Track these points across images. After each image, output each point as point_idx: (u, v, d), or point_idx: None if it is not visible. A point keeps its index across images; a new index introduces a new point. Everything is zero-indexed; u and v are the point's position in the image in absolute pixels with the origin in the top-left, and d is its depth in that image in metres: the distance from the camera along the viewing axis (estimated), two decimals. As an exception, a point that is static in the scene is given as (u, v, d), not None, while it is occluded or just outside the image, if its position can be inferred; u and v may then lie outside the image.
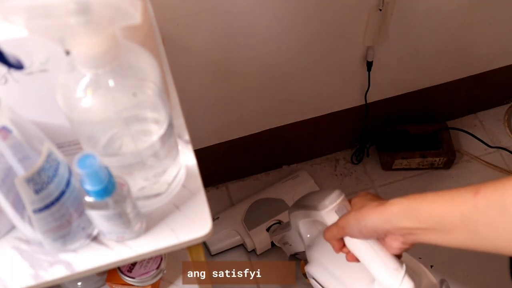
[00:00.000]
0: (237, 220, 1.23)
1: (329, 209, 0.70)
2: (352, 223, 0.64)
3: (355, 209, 0.65)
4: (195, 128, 0.87)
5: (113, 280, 0.82)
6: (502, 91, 1.43)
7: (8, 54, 0.46)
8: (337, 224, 0.67)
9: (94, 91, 0.44)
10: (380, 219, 0.60)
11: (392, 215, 0.59)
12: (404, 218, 0.58)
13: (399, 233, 0.60)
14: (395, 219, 0.58)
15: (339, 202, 0.71)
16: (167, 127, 0.50)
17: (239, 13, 0.92)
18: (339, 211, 0.70)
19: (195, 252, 0.60)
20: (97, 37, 0.42)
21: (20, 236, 0.55)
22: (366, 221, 0.61)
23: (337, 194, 0.71)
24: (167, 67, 0.66)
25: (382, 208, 0.60)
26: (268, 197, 1.25)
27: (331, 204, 0.70)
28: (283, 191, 1.27)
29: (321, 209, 0.71)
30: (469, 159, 1.37)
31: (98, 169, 0.44)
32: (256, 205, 1.24)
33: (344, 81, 1.18)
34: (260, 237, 1.20)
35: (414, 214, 0.57)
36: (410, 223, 0.57)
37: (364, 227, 0.62)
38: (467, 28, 1.15)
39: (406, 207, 0.58)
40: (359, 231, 0.63)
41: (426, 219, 0.56)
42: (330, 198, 0.71)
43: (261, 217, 1.22)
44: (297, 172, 1.31)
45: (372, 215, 0.61)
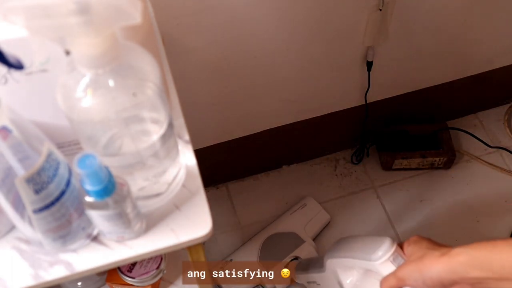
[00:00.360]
0: (252, 259, 1.19)
1: (384, 259, 0.68)
2: (415, 275, 0.62)
3: (414, 259, 0.64)
4: (195, 128, 0.87)
5: (113, 280, 0.82)
6: (502, 91, 1.43)
7: (8, 54, 0.46)
8: (396, 275, 0.65)
9: (94, 91, 0.44)
10: (446, 270, 0.59)
11: (459, 266, 0.58)
12: (473, 268, 0.57)
13: (468, 283, 0.59)
14: (464, 270, 0.57)
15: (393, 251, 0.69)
16: (167, 127, 0.50)
17: (239, 13, 0.92)
18: (394, 261, 0.68)
19: (195, 252, 0.60)
20: (97, 37, 0.42)
21: (20, 236, 0.55)
22: (431, 272, 0.60)
23: (390, 243, 0.69)
24: (167, 67, 0.66)
25: (447, 258, 0.59)
26: (279, 232, 1.22)
27: (386, 254, 0.68)
28: (293, 223, 1.23)
29: (375, 260, 0.69)
30: (469, 159, 1.37)
31: (98, 169, 0.44)
32: (268, 242, 1.20)
33: (344, 81, 1.18)
34: None
35: (485, 264, 0.56)
36: (481, 273, 0.56)
37: (429, 279, 0.60)
38: (467, 28, 1.15)
39: (474, 258, 0.57)
40: (423, 282, 0.62)
41: (499, 269, 0.55)
42: (384, 248, 0.69)
43: (277, 254, 1.18)
44: (304, 201, 1.28)
45: (436, 266, 0.59)
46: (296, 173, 1.35)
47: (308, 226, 1.23)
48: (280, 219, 1.25)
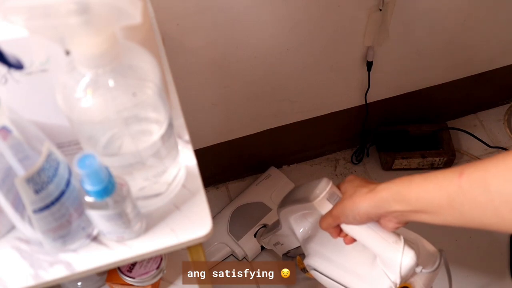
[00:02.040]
0: (222, 232, 1.23)
1: (321, 197, 0.71)
2: (347, 211, 0.66)
3: (346, 196, 0.68)
4: (195, 128, 0.87)
5: (113, 280, 0.82)
6: (502, 91, 1.43)
7: (8, 54, 0.46)
8: (331, 213, 0.69)
9: (94, 91, 0.44)
10: (372, 205, 0.63)
11: (382, 201, 0.62)
12: (394, 202, 0.61)
13: (392, 216, 0.63)
14: (387, 204, 0.62)
15: (329, 189, 0.72)
16: (167, 127, 0.50)
17: (239, 13, 0.92)
18: (330, 198, 0.71)
19: (195, 252, 0.60)
20: (97, 37, 0.42)
21: (20, 236, 0.55)
22: (359, 208, 0.64)
23: (325, 182, 0.72)
24: (167, 67, 0.66)
25: (372, 195, 0.63)
26: (246, 203, 1.26)
27: (322, 193, 0.71)
28: (260, 193, 1.27)
29: (312, 199, 0.72)
30: (469, 159, 1.37)
31: (98, 169, 0.44)
32: (237, 213, 1.24)
33: (344, 81, 1.18)
34: (249, 244, 1.20)
35: (404, 198, 0.60)
36: (400, 206, 0.61)
37: (358, 214, 0.65)
38: (467, 28, 1.15)
39: (395, 192, 0.61)
40: (354, 218, 0.66)
41: (415, 202, 0.59)
42: (320, 187, 0.72)
43: (246, 224, 1.22)
44: (268, 171, 1.32)
45: (363, 202, 0.64)
46: (296, 173, 1.35)
47: (274, 195, 1.26)
48: (247, 190, 1.29)
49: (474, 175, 0.53)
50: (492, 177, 0.52)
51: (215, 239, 1.22)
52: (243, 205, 1.25)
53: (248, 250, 1.20)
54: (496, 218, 0.52)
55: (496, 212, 0.52)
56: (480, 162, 0.53)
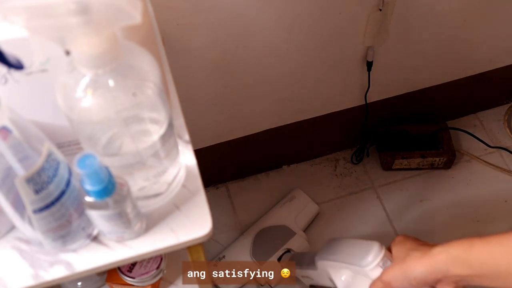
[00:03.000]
0: (245, 255, 1.19)
1: (374, 265, 0.69)
2: (400, 277, 0.64)
3: (398, 261, 0.65)
4: (195, 128, 0.87)
5: (113, 280, 0.82)
6: (502, 91, 1.43)
7: (8, 54, 0.46)
8: (381, 279, 0.67)
9: (94, 91, 0.44)
10: (429, 270, 0.60)
11: (441, 265, 0.59)
12: (454, 266, 0.58)
13: (451, 280, 0.60)
14: (445, 268, 0.59)
15: (382, 256, 0.69)
16: (167, 127, 0.50)
17: (239, 13, 0.92)
18: (383, 265, 0.69)
19: (195, 252, 0.60)
20: (97, 37, 0.42)
21: (20, 236, 0.55)
22: (415, 273, 0.62)
23: (378, 249, 0.70)
24: (167, 67, 0.66)
25: (428, 258, 0.60)
26: (270, 226, 1.22)
27: (375, 260, 0.69)
28: (284, 216, 1.24)
29: (365, 265, 0.70)
30: (469, 159, 1.37)
31: (98, 169, 0.44)
32: (260, 236, 1.21)
33: (344, 81, 1.18)
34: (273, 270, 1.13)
35: (465, 263, 0.57)
36: (461, 271, 0.58)
37: (414, 279, 0.62)
38: (467, 28, 1.15)
39: (454, 257, 0.58)
40: (409, 283, 0.63)
41: (478, 267, 0.56)
42: (373, 254, 0.69)
43: (269, 248, 1.18)
44: (292, 193, 1.28)
45: (419, 267, 0.61)
46: (296, 173, 1.35)
47: (298, 218, 1.23)
48: (270, 212, 1.26)
49: None
50: None
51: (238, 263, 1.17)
52: (267, 228, 1.21)
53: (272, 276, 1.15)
54: None
55: None
56: None
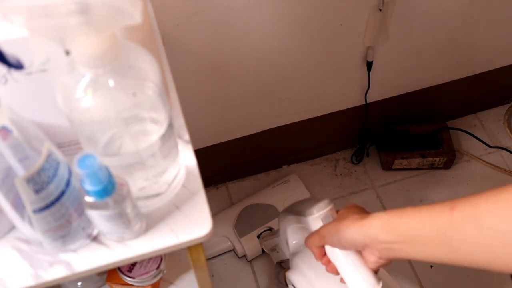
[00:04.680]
0: (228, 226, 1.22)
1: (315, 216, 0.71)
2: (332, 232, 0.64)
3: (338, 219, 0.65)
4: (195, 128, 0.87)
5: (113, 280, 0.82)
6: (502, 91, 1.43)
7: (8, 54, 0.46)
8: (319, 231, 0.68)
9: (94, 91, 0.44)
10: (359, 232, 0.61)
11: (371, 229, 0.59)
12: (382, 232, 0.58)
13: (376, 247, 0.60)
14: (374, 233, 0.59)
15: (326, 211, 0.71)
16: (167, 127, 0.50)
17: (239, 13, 0.92)
18: (325, 219, 0.71)
19: (195, 252, 0.60)
20: (97, 37, 0.42)
21: (20, 236, 0.55)
22: (345, 232, 0.62)
23: (325, 203, 0.72)
24: (167, 67, 0.66)
25: (363, 221, 0.60)
26: (258, 203, 1.24)
27: (318, 212, 0.71)
28: (274, 196, 1.26)
29: (308, 215, 0.72)
30: (469, 159, 1.37)
31: (98, 169, 0.44)
32: (246, 211, 1.23)
33: (344, 81, 1.18)
34: (251, 244, 1.20)
35: (393, 228, 0.57)
36: (387, 236, 0.58)
37: (343, 238, 0.62)
38: (467, 28, 1.15)
39: (386, 221, 0.58)
40: (338, 241, 0.64)
41: (403, 233, 0.57)
42: (318, 206, 0.72)
43: (252, 223, 1.21)
44: (288, 177, 1.30)
45: (351, 227, 0.61)
46: (296, 173, 1.35)
47: (287, 201, 1.25)
48: (262, 191, 1.28)
49: (466, 210, 0.51)
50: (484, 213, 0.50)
51: (219, 231, 1.22)
52: (254, 204, 1.24)
53: (249, 249, 1.20)
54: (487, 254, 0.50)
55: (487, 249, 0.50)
56: (473, 196, 0.52)
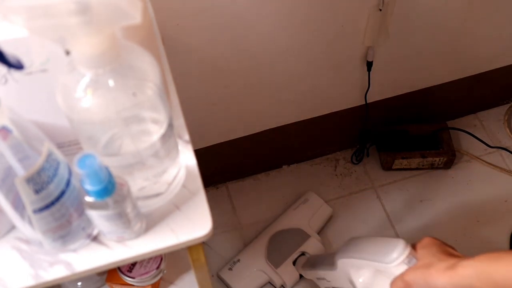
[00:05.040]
0: (260, 259, 1.19)
1: (399, 262, 0.68)
2: (421, 283, 0.63)
3: (423, 265, 0.64)
4: (195, 128, 0.87)
5: (113, 280, 0.82)
6: (502, 91, 1.43)
7: (8, 54, 0.46)
8: (403, 278, 0.66)
9: (94, 91, 0.44)
10: (451, 283, 0.60)
11: (464, 280, 0.58)
12: (478, 282, 0.57)
13: None
14: (468, 284, 0.58)
15: (408, 254, 0.68)
16: (167, 127, 0.50)
17: (239, 13, 0.92)
18: (409, 262, 0.68)
19: (195, 252, 0.60)
20: (97, 37, 0.42)
21: (20, 236, 0.55)
22: (436, 283, 0.61)
23: (404, 246, 0.69)
24: (167, 67, 0.66)
25: (454, 272, 0.59)
26: (284, 229, 1.22)
27: (400, 257, 0.68)
28: (298, 218, 1.24)
29: (389, 262, 0.69)
30: (469, 159, 1.37)
31: (98, 169, 0.44)
32: (275, 239, 1.21)
33: (344, 81, 1.18)
34: (288, 273, 1.16)
35: (489, 277, 0.56)
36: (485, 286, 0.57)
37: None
38: (467, 28, 1.15)
39: (480, 271, 0.57)
40: None
41: (502, 281, 0.56)
42: (398, 251, 0.69)
43: (284, 251, 1.18)
44: (305, 196, 1.28)
45: (442, 278, 0.60)
46: (296, 173, 1.35)
47: (312, 221, 1.24)
48: (284, 215, 1.26)
49: None
50: None
51: (252, 266, 1.18)
52: (281, 231, 1.21)
53: (287, 279, 1.16)
54: None
55: None
56: None
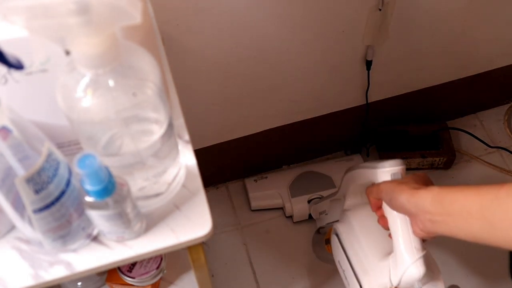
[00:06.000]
0: (283, 184, 1.27)
1: (386, 170, 0.73)
2: (388, 191, 0.68)
3: (400, 181, 0.69)
4: (195, 128, 0.87)
5: (113, 280, 0.82)
6: (502, 91, 1.43)
7: (8, 54, 0.46)
8: (379, 185, 0.71)
9: (94, 91, 0.44)
10: (409, 199, 0.64)
11: (420, 199, 0.62)
12: (430, 203, 0.61)
13: (421, 218, 0.63)
14: (422, 203, 0.62)
15: (397, 168, 0.73)
16: (167, 127, 0.50)
17: (239, 13, 0.92)
18: (394, 175, 0.73)
19: (195, 252, 0.60)
20: (97, 37, 0.42)
21: (20, 236, 0.55)
22: (398, 196, 0.66)
23: (399, 162, 0.74)
24: (167, 67, 0.66)
25: (416, 190, 0.63)
26: (317, 171, 1.29)
27: (389, 167, 0.73)
28: (334, 169, 1.30)
29: (378, 167, 0.74)
30: (469, 159, 1.37)
31: (98, 169, 0.44)
32: (304, 175, 1.28)
33: (344, 81, 1.18)
34: (300, 206, 1.24)
35: (440, 200, 0.60)
36: (433, 208, 0.60)
37: (395, 200, 0.66)
38: (467, 28, 1.15)
39: (436, 193, 0.61)
40: (390, 201, 0.68)
41: (448, 205, 0.59)
42: (391, 163, 0.74)
43: (306, 188, 1.26)
44: (352, 155, 1.35)
45: (404, 193, 0.65)
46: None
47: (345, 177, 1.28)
48: (324, 162, 1.34)
49: None
50: None
51: (274, 186, 1.27)
52: (313, 172, 1.29)
53: (297, 211, 1.24)
54: None
55: None
56: None
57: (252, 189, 1.28)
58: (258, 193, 1.27)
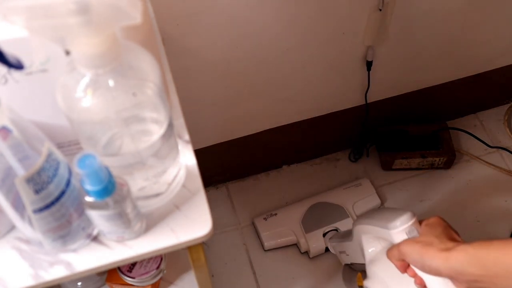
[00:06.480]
0: (294, 220, 1.23)
1: (400, 230, 0.70)
2: (415, 257, 0.65)
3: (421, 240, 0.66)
4: (195, 128, 0.87)
5: (113, 280, 0.82)
6: (502, 91, 1.43)
7: (8, 54, 0.46)
8: (399, 248, 0.68)
9: (94, 91, 0.44)
10: (444, 265, 0.61)
11: (457, 263, 0.60)
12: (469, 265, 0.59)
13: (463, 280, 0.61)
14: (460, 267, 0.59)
15: (410, 224, 0.70)
16: (167, 127, 0.50)
17: (239, 13, 0.92)
18: (409, 233, 0.70)
19: (195, 252, 0.60)
20: (97, 37, 0.42)
21: (20, 236, 0.55)
22: (430, 262, 0.63)
23: (409, 216, 0.71)
24: (167, 67, 0.66)
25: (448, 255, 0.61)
26: (328, 202, 1.25)
27: (402, 226, 0.71)
28: (344, 198, 1.26)
29: (391, 228, 0.71)
30: (469, 159, 1.37)
31: (98, 169, 0.44)
32: (315, 208, 1.24)
33: (344, 81, 1.18)
34: (315, 241, 1.20)
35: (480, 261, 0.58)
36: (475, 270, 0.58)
37: (428, 267, 0.63)
38: (467, 28, 1.15)
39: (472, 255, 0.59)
40: (422, 268, 0.65)
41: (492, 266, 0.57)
42: (402, 219, 0.71)
43: (319, 221, 1.22)
44: (360, 180, 1.31)
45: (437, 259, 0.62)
46: (296, 173, 1.35)
47: (356, 205, 1.26)
48: (332, 190, 1.29)
49: None
50: None
51: (286, 223, 1.23)
52: (324, 203, 1.25)
53: (313, 247, 1.20)
54: None
55: None
56: None
57: (262, 228, 1.23)
58: (270, 232, 1.23)
